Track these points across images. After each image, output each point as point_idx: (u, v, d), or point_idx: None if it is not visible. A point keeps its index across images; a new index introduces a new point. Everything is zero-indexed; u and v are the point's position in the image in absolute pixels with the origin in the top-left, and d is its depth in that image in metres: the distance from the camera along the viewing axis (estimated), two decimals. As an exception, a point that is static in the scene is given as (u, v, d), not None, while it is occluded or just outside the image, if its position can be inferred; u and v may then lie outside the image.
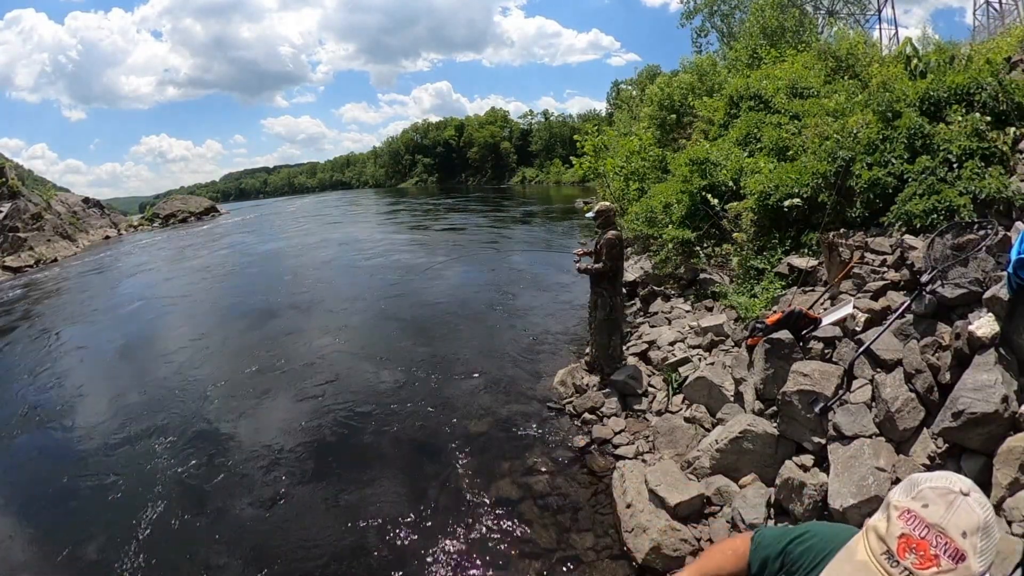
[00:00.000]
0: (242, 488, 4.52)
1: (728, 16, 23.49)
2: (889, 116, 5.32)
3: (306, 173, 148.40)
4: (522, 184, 70.45)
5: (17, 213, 22.44)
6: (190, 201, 41.81)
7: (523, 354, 6.90)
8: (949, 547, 0.70)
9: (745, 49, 14.20)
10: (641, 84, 28.57)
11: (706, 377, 4.54)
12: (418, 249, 16.73)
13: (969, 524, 0.71)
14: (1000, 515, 2.51)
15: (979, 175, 4.36)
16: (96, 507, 4.45)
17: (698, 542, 3.42)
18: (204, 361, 7.66)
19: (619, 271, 5.63)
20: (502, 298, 9.74)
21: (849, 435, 3.29)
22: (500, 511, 4.01)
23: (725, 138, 8.93)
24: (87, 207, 30.94)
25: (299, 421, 5.56)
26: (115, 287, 14.27)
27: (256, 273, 14.30)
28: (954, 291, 3.38)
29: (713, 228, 7.13)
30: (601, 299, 5.58)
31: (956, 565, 0.70)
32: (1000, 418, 2.72)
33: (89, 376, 7.60)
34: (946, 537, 0.71)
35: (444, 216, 27.34)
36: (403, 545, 3.75)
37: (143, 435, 5.53)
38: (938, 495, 0.73)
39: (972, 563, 0.70)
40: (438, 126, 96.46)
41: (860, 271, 4.39)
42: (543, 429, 5.09)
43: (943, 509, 0.72)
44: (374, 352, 7.38)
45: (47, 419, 6.22)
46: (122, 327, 10.02)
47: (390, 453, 4.91)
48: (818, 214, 5.34)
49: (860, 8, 25.02)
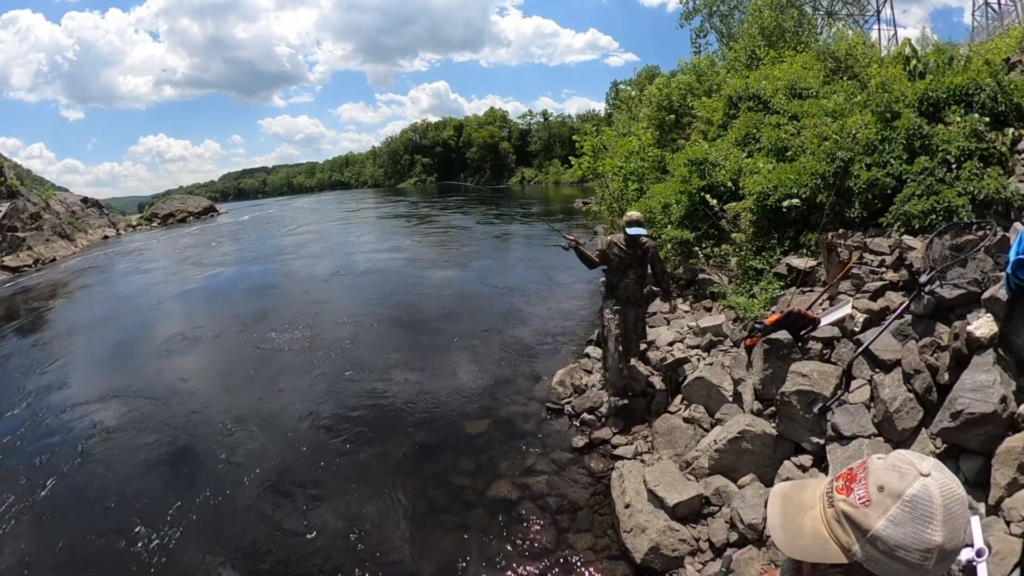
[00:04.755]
0: (241, 488, 4.51)
1: (727, 17, 23.54)
2: (888, 117, 5.32)
3: (305, 173, 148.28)
4: (521, 184, 70.47)
5: (16, 213, 22.39)
6: (189, 201, 41.78)
7: (522, 354, 6.90)
8: (863, 489, 0.76)
9: (744, 50, 14.22)
10: (640, 84, 28.59)
11: (705, 377, 4.54)
12: (417, 248, 16.73)
13: (892, 485, 0.74)
14: (999, 515, 2.50)
15: (978, 176, 4.37)
16: (94, 506, 4.44)
17: (697, 542, 3.42)
18: (202, 362, 7.65)
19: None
20: (501, 298, 9.73)
21: (848, 435, 3.29)
22: (499, 511, 4.01)
23: (724, 138, 8.94)
24: (86, 207, 30.91)
25: (297, 420, 5.55)
26: (114, 287, 14.25)
27: (255, 273, 14.28)
28: (953, 291, 3.38)
29: (712, 228, 7.14)
30: (644, 308, 5.33)
31: (859, 506, 0.75)
32: (999, 418, 2.72)
33: (87, 376, 7.58)
34: (866, 481, 0.77)
35: (444, 216, 27.33)
36: (401, 545, 3.75)
37: (141, 434, 5.52)
38: (897, 458, 0.78)
39: (872, 515, 0.74)
40: (437, 126, 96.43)
41: (859, 271, 4.39)
42: (542, 429, 5.09)
43: (885, 465, 0.77)
44: (372, 352, 7.37)
45: (46, 419, 6.20)
46: (121, 327, 10.01)
47: (389, 453, 4.90)
48: (817, 214, 5.34)
49: (859, 8, 25.10)
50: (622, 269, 5.03)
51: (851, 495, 0.77)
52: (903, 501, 0.73)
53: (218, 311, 10.56)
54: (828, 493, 0.81)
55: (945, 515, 0.72)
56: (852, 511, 0.76)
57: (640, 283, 5.14)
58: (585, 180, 17.86)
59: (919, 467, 0.75)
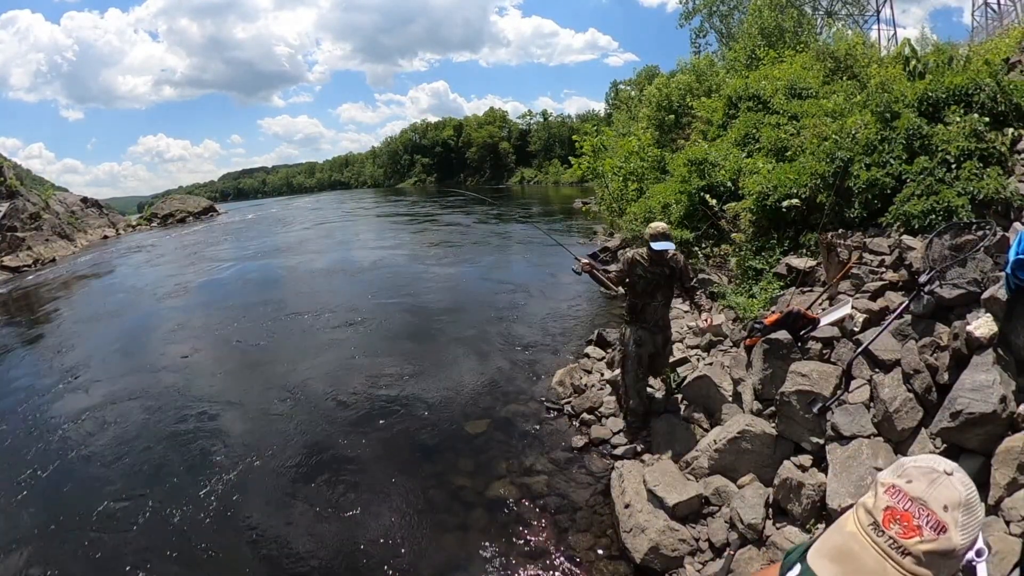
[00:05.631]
0: (240, 489, 4.50)
1: (727, 17, 23.56)
2: (887, 117, 5.33)
3: (304, 173, 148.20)
4: (521, 184, 70.45)
5: (15, 212, 22.37)
6: (188, 201, 41.73)
7: (521, 354, 6.90)
8: (931, 519, 0.74)
9: (744, 50, 14.24)
10: (639, 84, 28.64)
11: (704, 377, 4.54)
12: (417, 248, 16.73)
13: (950, 499, 0.75)
14: (998, 515, 2.51)
15: (977, 176, 4.37)
16: (91, 505, 4.42)
17: (696, 542, 3.42)
18: (201, 362, 7.65)
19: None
20: (500, 298, 9.73)
21: (847, 435, 3.29)
22: (498, 511, 4.01)
23: (724, 138, 8.95)
24: (85, 207, 30.87)
25: (297, 421, 5.54)
26: (114, 287, 14.23)
27: (254, 273, 14.27)
28: (952, 291, 3.38)
29: (711, 228, 7.14)
30: (670, 332, 4.72)
31: (938, 536, 0.73)
32: (998, 418, 2.72)
33: (85, 375, 7.57)
34: (928, 510, 0.74)
35: (443, 216, 27.32)
36: (400, 545, 3.74)
37: (140, 432, 5.52)
38: (922, 473, 0.78)
39: (953, 535, 0.73)
40: (436, 126, 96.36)
41: (858, 271, 4.39)
42: (542, 429, 5.09)
43: (925, 485, 0.76)
44: (371, 352, 7.37)
45: (45, 418, 6.20)
46: (120, 327, 10.00)
47: (388, 453, 4.89)
48: (816, 214, 5.34)
49: (858, 8, 25.11)
50: (648, 291, 4.37)
51: (923, 532, 0.74)
52: (964, 506, 0.75)
53: (216, 312, 10.53)
54: (892, 545, 0.75)
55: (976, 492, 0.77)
56: (935, 545, 0.73)
57: (669, 305, 4.56)
58: (585, 180, 17.90)
59: (941, 469, 0.78)
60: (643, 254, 4.36)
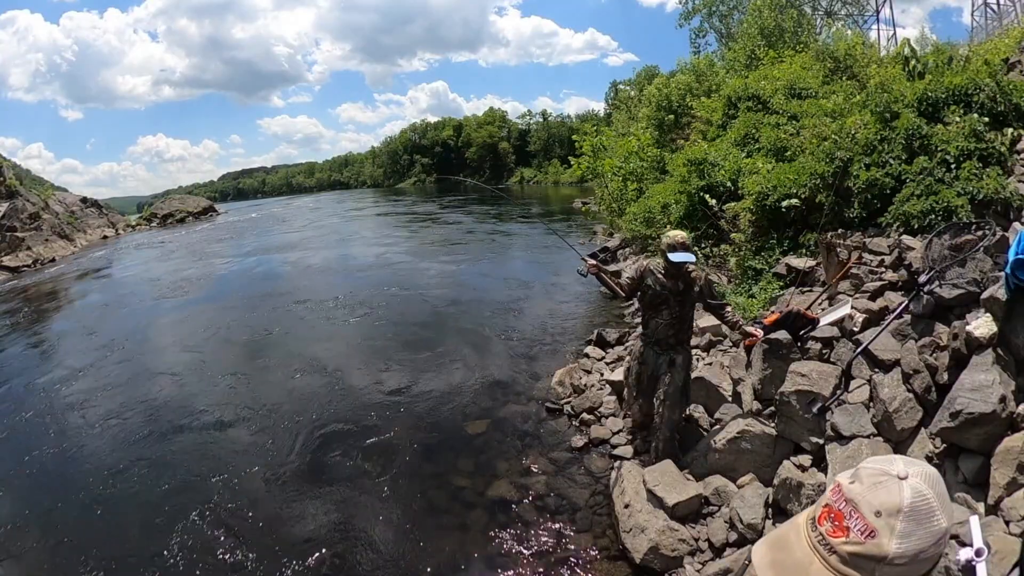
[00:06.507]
0: (238, 489, 4.50)
1: (726, 17, 23.55)
2: (887, 117, 5.33)
3: (304, 173, 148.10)
4: (520, 184, 70.47)
5: (15, 212, 22.34)
6: (188, 201, 41.70)
7: (521, 354, 6.90)
8: (860, 522, 0.73)
9: (743, 50, 14.25)
10: (639, 85, 28.61)
11: (704, 377, 4.53)
12: (416, 248, 16.72)
13: (886, 504, 0.72)
14: (998, 515, 2.51)
15: (977, 176, 4.38)
16: (89, 504, 4.43)
17: (696, 542, 3.42)
18: (200, 361, 7.64)
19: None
20: (500, 298, 9.73)
21: (847, 435, 3.29)
22: (498, 512, 4.00)
23: (723, 138, 8.95)
24: (85, 207, 30.83)
25: (297, 420, 5.54)
26: (114, 286, 14.23)
27: (254, 273, 14.26)
28: (952, 291, 3.38)
29: (711, 228, 7.15)
30: (686, 355, 4.10)
31: (864, 540, 0.72)
32: (998, 418, 2.72)
33: (86, 373, 7.56)
34: (858, 512, 0.73)
35: (442, 215, 27.32)
36: (400, 545, 3.74)
37: (140, 430, 5.51)
38: (869, 474, 0.76)
39: (883, 541, 0.71)
40: (436, 126, 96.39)
41: (858, 271, 4.40)
42: (541, 429, 5.09)
43: (866, 487, 0.75)
44: (371, 352, 7.37)
45: (46, 415, 6.19)
46: (121, 325, 9.97)
47: (388, 453, 4.89)
48: (816, 214, 5.34)
49: (858, 9, 25.10)
50: (654, 305, 4.00)
51: (850, 534, 0.73)
52: (904, 514, 0.71)
53: (215, 311, 10.52)
54: (820, 541, 0.76)
55: (939, 500, 0.73)
56: (860, 548, 0.72)
57: (679, 325, 4.00)
58: (584, 180, 17.90)
59: (894, 472, 0.74)
60: (659, 266, 3.98)
